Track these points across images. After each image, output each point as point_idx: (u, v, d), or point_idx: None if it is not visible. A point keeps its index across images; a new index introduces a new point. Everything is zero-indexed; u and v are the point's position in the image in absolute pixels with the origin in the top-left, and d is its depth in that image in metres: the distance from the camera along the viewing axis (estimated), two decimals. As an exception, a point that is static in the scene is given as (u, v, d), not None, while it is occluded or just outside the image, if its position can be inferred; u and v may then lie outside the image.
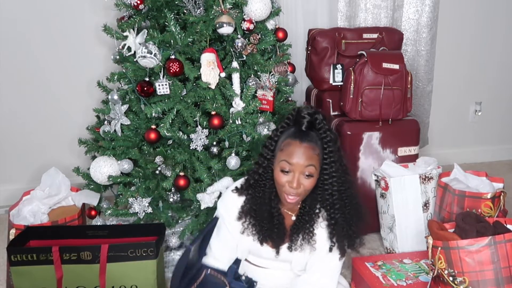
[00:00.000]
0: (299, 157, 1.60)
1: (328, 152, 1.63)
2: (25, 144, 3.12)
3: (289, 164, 1.61)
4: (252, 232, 1.75)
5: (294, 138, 1.62)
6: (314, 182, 1.64)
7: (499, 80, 3.72)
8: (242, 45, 2.19)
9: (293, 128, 1.66)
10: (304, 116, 1.63)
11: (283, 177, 1.63)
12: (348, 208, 1.70)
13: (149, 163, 2.18)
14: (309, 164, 1.60)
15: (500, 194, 2.25)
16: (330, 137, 1.64)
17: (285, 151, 1.62)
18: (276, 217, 1.73)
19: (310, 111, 1.64)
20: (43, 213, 2.27)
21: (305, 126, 1.63)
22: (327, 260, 1.76)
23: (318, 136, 1.64)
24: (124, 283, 1.96)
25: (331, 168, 1.64)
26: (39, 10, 2.93)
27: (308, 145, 1.61)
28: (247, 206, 1.74)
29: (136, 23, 2.18)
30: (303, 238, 1.73)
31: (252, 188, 1.73)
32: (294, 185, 1.61)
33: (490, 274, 1.80)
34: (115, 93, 2.23)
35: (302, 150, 1.60)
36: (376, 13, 3.18)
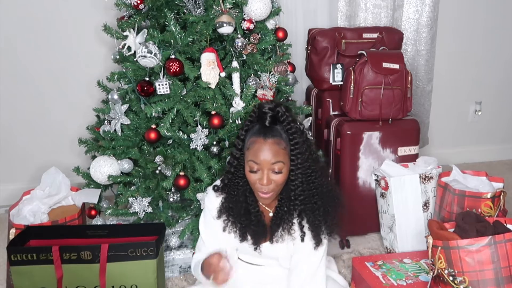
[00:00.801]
0: (265, 154, 1.59)
1: (294, 143, 1.62)
2: (25, 143, 3.12)
3: (256, 164, 1.61)
4: (233, 229, 1.76)
5: (258, 136, 1.61)
6: (285, 175, 1.64)
7: (499, 79, 3.72)
8: (242, 45, 2.19)
9: (257, 125, 1.65)
10: (265, 111, 1.62)
11: (253, 176, 1.64)
12: (316, 197, 1.70)
13: (149, 163, 2.18)
14: (276, 161, 1.60)
15: (500, 194, 2.25)
16: (294, 128, 1.63)
17: (251, 149, 1.62)
18: (254, 213, 1.74)
19: (271, 106, 1.63)
20: (43, 212, 2.27)
21: (268, 121, 1.62)
22: (306, 251, 1.76)
23: (283, 129, 1.63)
24: (124, 282, 1.96)
25: (297, 159, 1.63)
26: (39, 9, 2.93)
27: (273, 140, 1.60)
28: (225, 204, 1.76)
29: (136, 22, 2.18)
30: (283, 229, 1.73)
31: (227, 187, 1.75)
32: (264, 183, 1.62)
33: (490, 274, 1.80)
34: (115, 93, 2.23)
35: (267, 147, 1.59)
36: (376, 13, 3.17)
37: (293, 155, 1.63)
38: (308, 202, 1.69)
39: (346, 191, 2.58)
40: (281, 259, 1.83)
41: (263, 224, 1.76)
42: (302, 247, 1.76)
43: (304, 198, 1.68)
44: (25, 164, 3.13)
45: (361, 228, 2.70)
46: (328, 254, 2.24)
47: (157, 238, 2.00)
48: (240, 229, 1.75)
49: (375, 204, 2.58)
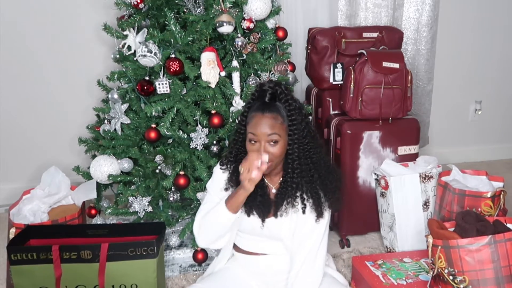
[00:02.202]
0: (262, 127, 1.70)
1: (292, 120, 1.72)
2: (25, 143, 3.12)
3: (254, 135, 1.71)
4: None
5: (257, 111, 1.72)
6: (281, 148, 1.73)
7: (499, 79, 3.72)
8: (242, 44, 2.19)
9: (257, 102, 1.76)
10: (266, 89, 1.74)
11: (252, 147, 1.73)
12: (313, 171, 1.78)
13: (149, 162, 2.18)
14: (272, 132, 1.70)
15: (500, 193, 2.25)
16: (293, 105, 1.74)
17: (250, 123, 1.73)
18: (260, 185, 1.79)
19: (271, 84, 1.75)
20: (43, 212, 2.27)
21: (268, 98, 1.74)
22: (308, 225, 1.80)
23: (282, 106, 1.73)
24: (124, 282, 1.96)
25: (294, 134, 1.73)
26: (39, 9, 2.93)
27: (270, 114, 1.70)
28: (232, 177, 1.83)
29: (136, 22, 2.18)
30: (287, 202, 1.79)
31: (234, 161, 1.84)
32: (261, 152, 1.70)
33: (490, 273, 1.80)
34: (115, 92, 2.23)
35: (264, 120, 1.70)
36: (376, 12, 3.17)
37: (290, 130, 1.73)
38: (305, 175, 1.77)
39: (346, 191, 2.58)
40: (284, 238, 1.83)
41: (267, 198, 1.83)
42: (304, 220, 1.80)
43: (301, 171, 1.76)
44: (25, 164, 3.13)
45: (361, 228, 2.70)
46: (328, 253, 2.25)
47: (157, 238, 2.00)
48: (246, 203, 1.79)
49: (375, 204, 2.58)
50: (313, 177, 1.78)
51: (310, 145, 1.78)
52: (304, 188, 1.78)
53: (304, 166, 1.77)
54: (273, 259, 1.89)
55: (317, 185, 1.78)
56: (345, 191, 2.56)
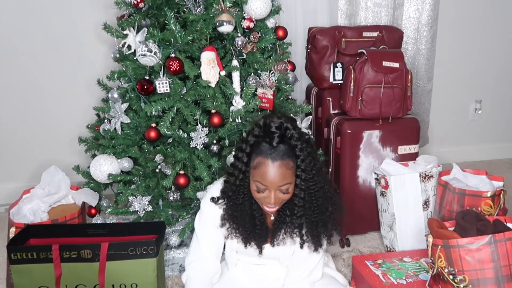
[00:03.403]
0: (272, 177, 1.58)
1: (300, 161, 1.60)
2: (25, 142, 3.12)
3: (264, 185, 1.60)
4: (236, 235, 1.77)
5: (266, 157, 1.58)
6: (292, 191, 1.64)
7: (499, 78, 3.72)
8: (242, 44, 2.19)
9: (263, 143, 1.60)
10: (273, 131, 1.58)
11: (259, 194, 1.63)
12: (316, 212, 1.70)
13: (149, 162, 2.18)
14: (284, 183, 1.59)
15: (500, 193, 2.25)
16: (300, 145, 1.60)
17: (257, 170, 1.60)
18: (258, 217, 1.75)
19: (277, 124, 1.59)
20: (43, 211, 2.27)
21: (276, 141, 1.58)
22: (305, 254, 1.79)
23: (290, 146, 1.60)
24: (124, 281, 1.96)
25: (302, 176, 1.62)
26: (39, 8, 2.93)
27: (281, 162, 1.57)
28: (229, 212, 1.75)
29: (136, 21, 2.18)
30: (285, 232, 1.75)
31: (231, 197, 1.73)
32: (272, 202, 1.62)
33: (490, 273, 1.80)
34: (115, 92, 2.23)
35: (275, 170, 1.57)
36: (376, 12, 3.17)
37: (298, 171, 1.62)
38: (308, 214, 1.70)
39: (346, 190, 2.58)
40: (282, 259, 1.85)
41: (266, 227, 1.78)
42: (301, 251, 1.79)
43: (304, 211, 1.68)
44: (25, 163, 3.13)
45: (361, 227, 2.70)
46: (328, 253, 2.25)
47: (157, 237, 2.00)
48: (244, 235, 1.76)
49: (375, 203, 2.58)
50: (317, 215, 1.71)
51: (315, 180, 1.66)
52: (303, 226, 1.72)
53: (308, 205, 1.68)
54: (271, 268, 1.90)
55: (319, 225, 1.72)
56: (345, 191, 2.58)
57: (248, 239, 1.77)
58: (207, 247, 1.83)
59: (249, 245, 1.79)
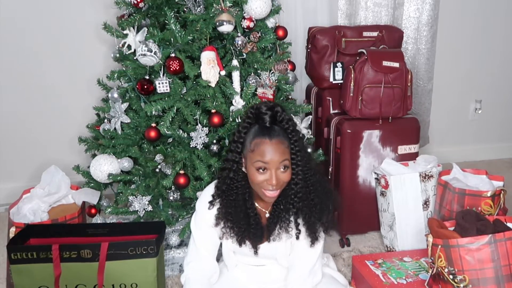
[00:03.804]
0: (272, 154, 1.61)
1: (294, 141, 1.66)
2: (25, 142, 3.12)
3: (264, 163, 1.62)
4: (231, 235, 1.78)
5: (263, 136, 1.63)
6: (290, 173, 1.67)
7: (499, 78, 3.72)
8: (242, 43, 2.19)
9: (256, 126, 1.67)
10: (265, 112, 1.65)
11: (260, 176, 1.64)
12: (313, 194, 1.72)
13: (149, 161, 2.18)
14: (283, 159, 1.63)
15: (500, 192, 2.25)
16: (292, 127, 1.66)
17: (256, 151, 1.63)
18: (253, 217, 1.76)
19: (268, 106, 1.66)
20: (43, 211, 2.27)
21: (269, 121, 1.65)
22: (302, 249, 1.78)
23: (282, 128, 1.66)
24: (124, 281, 1.96)
25: (297, 157, 1.67)
26: (39, 8, 2.93)
27: (277, 140, 1.63)
28: (223, 210, 1.76)
29: (136, 21, 2.18)
30: (280, 227, 1.75)
31: (225, 193, 1.75)
32: (273, 182, 1.63)
33: (490, 272, 1.80)
34: (115, 91, 2.23)
35: (273, 147, 1.62)
36: (376, 11, 3.17)
37: (293, 153, 1.66)
38: (306, 199, 1.71)
39: (346, 190, 2.58)
40: (279, 258, 1.84)
41: (260, 226, 1.78)
42: (298, 245, 1.78)
43: (302, 195, 1.70)
44: (25, 163, 3.13)
45: (361, 227, 2.70)
46: (328, 253, 2.25)
47: (157, 237, 2.00)
48: (238, 233, 1.76)
49: (375, 203, 2.58)
50: (313, 201, 1.73)
51: (308, 166, 1.71)
52: (301, 214, 1.73)
53: (305, 189, 1.71)
54: (270, 269, 1.90)
55: (316, 210, 1.73)
56: (345, 191, 2.58)
57: (243, 238, 1.77)
58: (204, 248, 1.84)
59: (244, 244, 1.79)
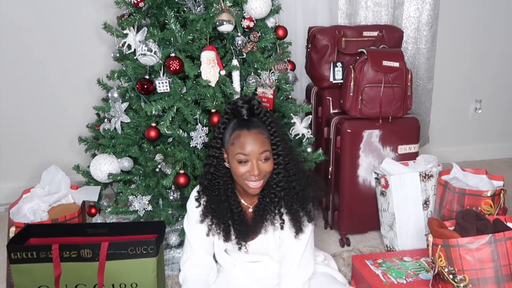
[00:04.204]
0: (252, 145, 1.64)
1: (273, 132, 1.69)
2: (25, 142, 3.12)
3: (245, 155, 1.65)
4: (217, 231, 1.80)
5: (241, 128, 1.66)
6: (272, 163, 1.69)
7: (499, 78, 3.72)
8: (242, 43, 2.19)
9: (235, 120, 1.70)
10: (241, 105, 1.68)
11: (242, 168, 1.66)
12: (295, 183, 1.74)
13: (149, 161, 2.18)
14: (264, 150, 1.65)
15: (500, 192, 2.25)
16: (270, 118, 1.70)
17: (236, 143, 1.65)
18: (237, 213, 1.78)
19: (245, 99, 1.69)
20: (43, 211, 2.27)
21: (246, 114, 1.68)
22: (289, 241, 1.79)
23: (260, 120, 1.69)
24: (124, 281, 1.96)
25: (277, 147, 1.69)
26: (39, 8, 2.93)
27: (256, 130, 1.66)
28: (208, 206, 1.78)
29: (136, 21, 2.18)
30: (266, 219, 1.77)
31: (208, 189, 1.77)
32: (255, 173, 1.65)
33: (490, 272, 1.80)
34: (115, 91, 2.23)
35: (253, 137, 1.64)
36: (376, 11, 3.17)
37: (273, 143, 1.69)
38: (287, 187, 1.73)
39: (346, 189, 2.59)
40: (271, 253, 1.85)
41: (246, 223, 1.79)
42: (285, 237, 1.79)
43: (283, 184, 1.72)
44: (25, 162, 3.13)
45: (361, 226, 2.70)
46: (328, 252, 2.25)
47: (157, 236, 2.00)
48: (224, 229, 1.78)
49: (375, 202, 2.58)
50: (294, 189, 1.74)
51: (289, 156, 1.74)
52: (284, 203, 1.74)
53: (286, 178, 1.72)
54: (266, 265, 1.91)
55: (297, 198, 1.74)
56: (345, 190, 2.58)
57: (228, 234, 1.79)
58: (198, 245, 1.85)
59: (230, 241, 1.80)
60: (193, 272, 1.85)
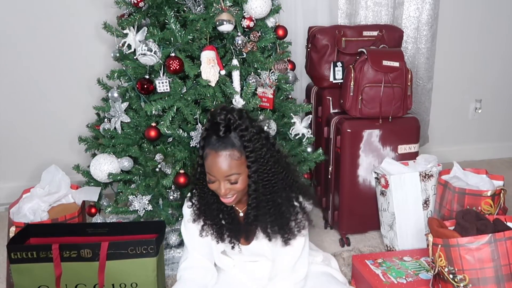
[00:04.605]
0: (218, 167, 1.59)
1: (249, 151, 1.60)
2: (25, 141, 3.12)
3: (212, 176, 1.62)
4: (210, 231, 1.79)
5: (211, 148, 1.60)
6: (243, 182, 1.63)
7: (499, 77, 3.72)
8: (242, 43, 2.19)
9: (212, 135, 1.61)
10: (218, 122, 1.59)
11: (212, 185, 1.65)
12: (270, 203, 1.68)
13: (149, 161, 2.18)
14: (230, 174, 1.60)
15: (500, 192, 2.25)
16: (249, 135, 1.60)
17: (206, 161, 1.63)
18: (227, 212, 1.76)
19: (223, 115, 1.60)
20: (43, 210, 2.27)
21: (222, 131, 1.59)
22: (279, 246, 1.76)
23: (238, 138, 1.60)
24: (124, 280, 1.96)
25: (253, 166, 1.61)
26: (39, 7, 2.93)
27: (225, 153, 1.58)
28: (198, 207, 1.78)
29: (136, 20, 2.18)
30: (255, 226, 1.75)
31: (198, 191, 1.76)
32: (221, 193, 1.63)
33: (490, 272, 1.80)
34: (115, 91, 2.23)
35: (220, 160, 1.58)
36: (376, 11, 3.17)
37: (249, 161, 1.61)
38: (262, 207, 1.68)
39: (346, 189, 2.59)
40: (266, 254, 1.84)
41: (237, 222, 1.79)
42: (277, 246, 1.77)
43: (256, 205, 1.67)
44: (25, 162, 3.13)
45: (361, 226, 2.70)
46: (329, 252, 2.25)
47: (157, 236, 2.00)
48: (216, 230, 1.78)
49: (375, 202, 2.58)
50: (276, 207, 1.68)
51: (272, 172, 1.65)
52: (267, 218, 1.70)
53: (264, 197, 1.66)
54: (264, 264, 1.90)
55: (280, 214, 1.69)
56: (345, 190, 2.58)
57: (221, 234, 1.78)
58: (193, 248, 1.85)
59: (222, 241, 1.80)
60: (187, 274, 1.84)
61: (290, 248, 1.76)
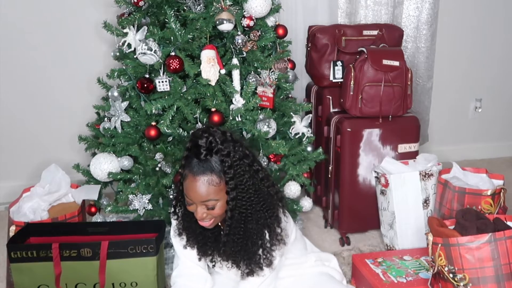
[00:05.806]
0: (195, 192, 1.54)
1: (230, 178, 1.54)
2: (25, 140, 3.12)
3: (189, 199, 1.57)
4: (191, 246, 1.76)
5: (190, 171, 1.55)
6: (221, 207, 1.58)
7: (499, 77, 3.71)
8: (242, 42, 2.19)
9: (192, 157, 1.55)
10: (199, 145, 1.54)
11: (189, 207, 1.60)
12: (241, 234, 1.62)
13: (149, 160, 2.18)
14: (207, 199, 1.55)
15: (500, 191, 2.25)
16: (231, 160, 1.55)
17: (185, 184, 1.58)
18: (210, 230, 1.71)
19: (204, 138, 1.54)
20: (43, 210, 2.27)
21: (203, 155, 1.53)
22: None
23: (219, 162, 1.54)
24: (124, 279, 1.96)
25: (230, 195, 1.56)
26: (39, 7, 2.92)
27: (204, 178, 1.53)
28: (182, 223, 1.74)
29: (136, 19, 2.18)
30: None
31: (177, 205, 1.73)
32: (198, 217, 1.59)
33: (490, 271, 1.80)
34: (115, 90, 2.23)
35: (197, 185, 1.53)
36: (376, 10, 3.17)
37: (228, 187, 1.56)
38: (234, 234, 1.63)
39: (346, 188, 2.59)
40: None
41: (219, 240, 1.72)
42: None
43: (229, 232, 1.63)
44: (25, 161, 3.13)
45: (361, 225, 2.70)
46: (329, 251, 2.25)
47: (157, 235, 2.00)
48: (198, 247, 1.75)
49: (375, 201, 2.58)
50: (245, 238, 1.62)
51: (251, 200, 1.59)
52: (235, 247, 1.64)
53: (238, 225, 1.60)
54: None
55: (246, 246, 1.64)
56: (345, 189, 2.58)
57: (204, 251, 1.75)
58: (184, 256, 1.80)
59: (205, 257, 1.76)
60: (181, 281, 1.80)
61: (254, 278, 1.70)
